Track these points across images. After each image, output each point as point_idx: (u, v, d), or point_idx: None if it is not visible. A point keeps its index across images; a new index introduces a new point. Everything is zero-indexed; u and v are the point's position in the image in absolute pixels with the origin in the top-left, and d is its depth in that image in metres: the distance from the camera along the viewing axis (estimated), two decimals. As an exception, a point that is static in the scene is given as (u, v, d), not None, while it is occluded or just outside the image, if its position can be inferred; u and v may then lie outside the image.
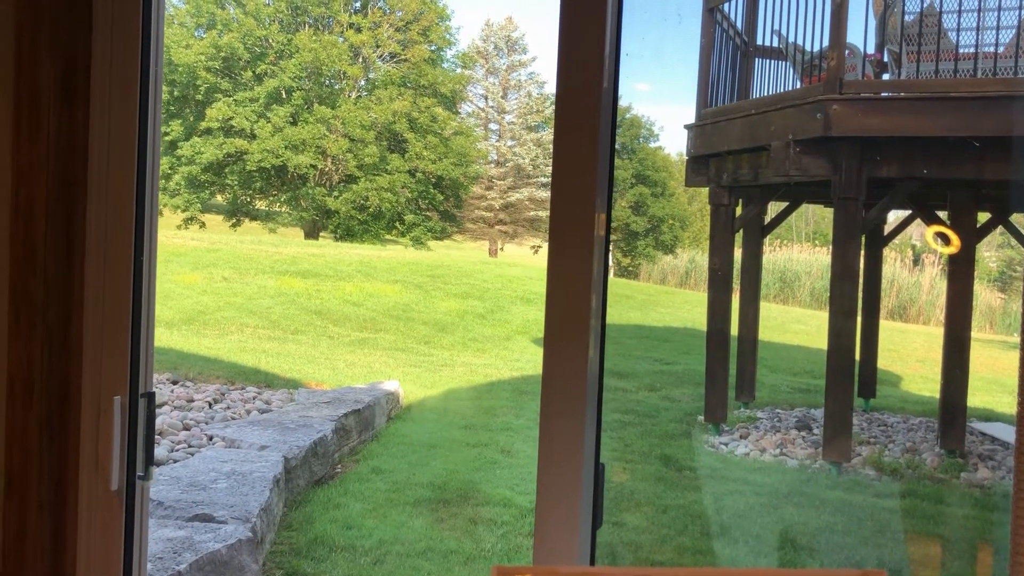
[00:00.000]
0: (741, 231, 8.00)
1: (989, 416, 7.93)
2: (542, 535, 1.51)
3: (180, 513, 3.92)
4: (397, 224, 20.59)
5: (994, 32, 6.28)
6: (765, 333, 9.97)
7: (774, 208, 8.94)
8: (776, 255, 16.58)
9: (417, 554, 4.46)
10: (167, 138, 19.25)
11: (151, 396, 1.88)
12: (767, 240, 17.77)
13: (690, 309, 14.91)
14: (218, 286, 12.37)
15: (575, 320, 1.54)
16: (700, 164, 7.66)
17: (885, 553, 4.76)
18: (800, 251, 16.87)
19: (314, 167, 19.37)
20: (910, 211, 8.38)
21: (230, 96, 19.30)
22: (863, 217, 6.46)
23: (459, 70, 22.28)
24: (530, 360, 10.60)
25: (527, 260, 20.72)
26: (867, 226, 6.99)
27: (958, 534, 5.12)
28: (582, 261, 1.55)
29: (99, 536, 1.81)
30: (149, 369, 1.89)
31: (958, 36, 6.38)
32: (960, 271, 6.95)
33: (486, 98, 23.27)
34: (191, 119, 19.66)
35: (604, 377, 1.61)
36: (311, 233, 20.28)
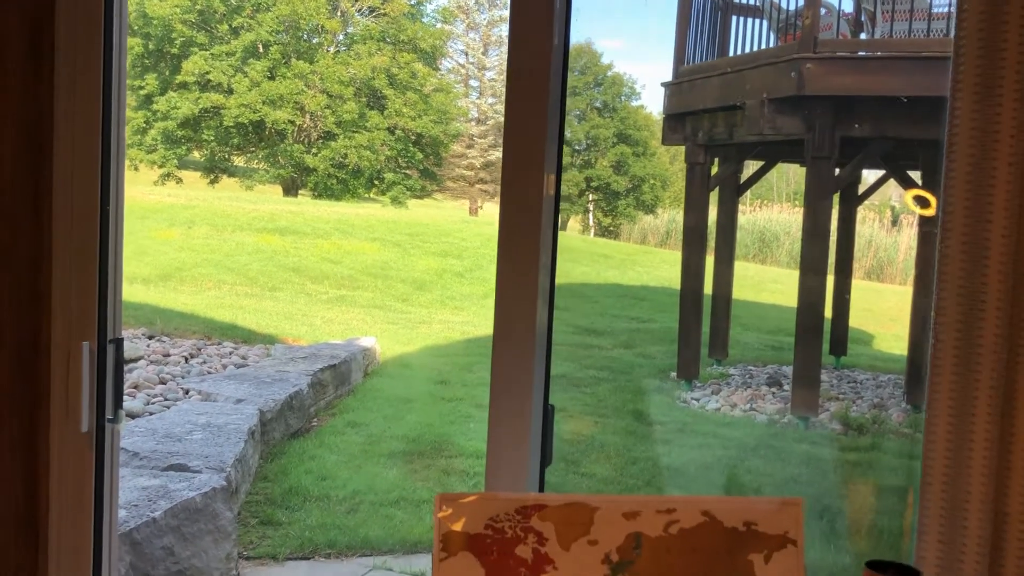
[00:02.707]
0: (717, 190, 8.05)
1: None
2: (493, 472, 1.58)
3: (155, 463, 3.97)
4: (376, 182, 20.47)
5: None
6: (742, 292, 10.09)
7: (751, 168, 9.00)
8: (756, 215, 16.64)
9: (390, 503, 4.55)
10: (142, 92, 18.97)
11: (119, 342, 1.92)
12: (748, 200, 17.85)
13: (668, 268, 14.99)
14: (195, 242, 12.32)
15: (524, 277, 1.59)
16: (676, 122, 7.69)
17: (845, 502, 4.90)
18: (780, 211, 16.93)
19: (292, 123, 19.17)
20: (884, 171, 8.46)
21: (206, 50, 19.01)
22: (836, 176, 6.53)
23: (439, 25, 22.02)
24: (507, 317, 10.64)
25: (507, 219, 20.61)
26: (839, 185, 7.06)
27: (917, 484, 5.27)
28: (531, 220, 1.59)
29: (71, 477, 1.86)
30: (117, 316, 1.93)
31: (932, -5, 6.41)
32: (931, 232, 7.05)
33: (467, 54, 23.06)
34: (167, 73, 19.38)
35: (577, 335, 1.67)
36: (289, 190, 20.15)
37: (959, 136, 1.25)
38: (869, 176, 9.43)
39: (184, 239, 12.45)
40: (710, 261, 7.97)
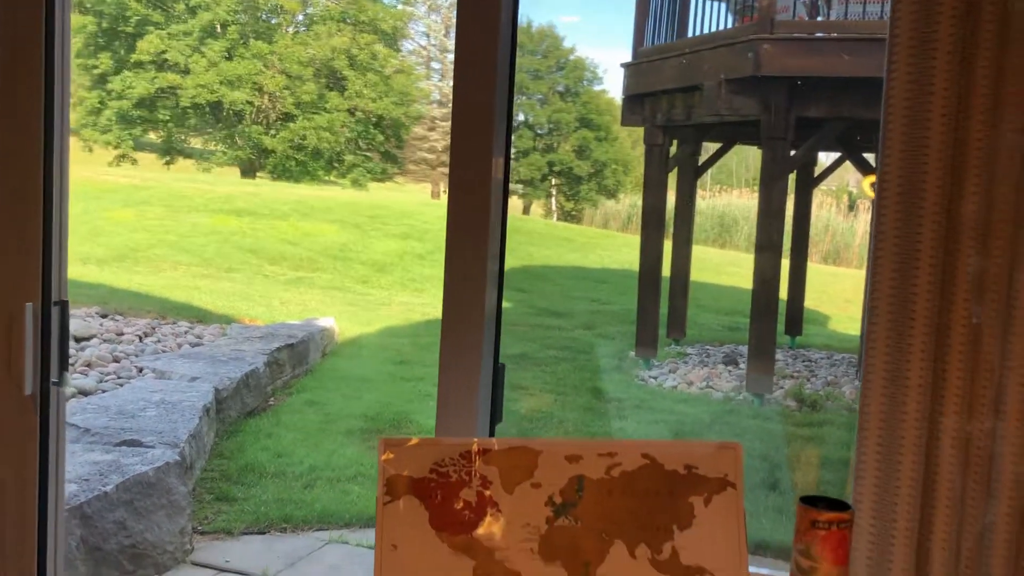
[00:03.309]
0: (675, 172, 8.10)
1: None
2: (443, 430, 1.59)
3: (108, 439, 3.92)
4: (336, 164, 20.28)
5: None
6: (701, 275, 10.17)
7: (710, 151, 9.06)
8: (716, 200, 16.75)
9: (347, 479, 4.54)
10: (96, 71, 18.57)
11: (64, 304, 1.90)
12: (707, 185, 17.94)
13: (629, 251, 15.07)
14: (151, 223, 12.13)
15: (474, 262, 1.60)
16: (635, 103, 7.72)
17: (797, 475, 4.99)
18: (739, 196, 17.08)
19: (250, 104, 18.92)
20: (840, 154, 8.58)
21: (162, 29, 18.67)
22: (791, 157, 6.61)
23: (400, 6, 21.83)
24: (468, 299, 10.64)
25: (468, 202, 20.56)
26: (794, 165, 7.14)
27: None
28: (480, 204, 1.59)
29: (15, 438, 1.83)
30: (62, 278, 1.90)
31: (887, -22, 6.49)
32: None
33: (428, 36, 22.90)
34: (121, 52, 18.99)
35: (539, 316, 1.68)
36: (247, 172, 19.89)
37: (893, 116, 1.27)
38: (827, 160, 9.55)
39: (139, 220, 12.25)
40: (669, 244, 8.04)
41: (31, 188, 1.81)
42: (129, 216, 12.37)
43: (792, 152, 6.57)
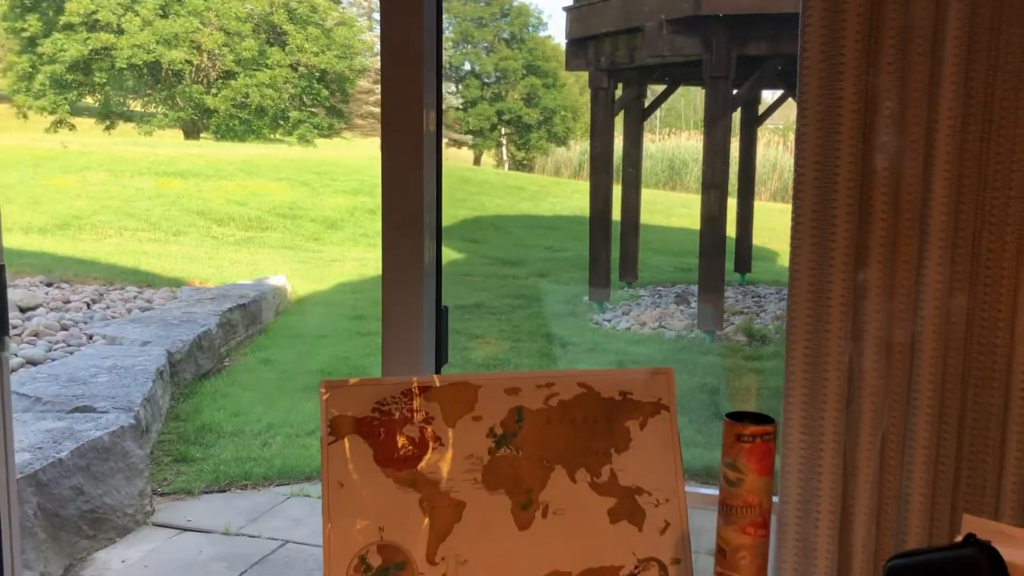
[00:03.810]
0: (622, 116, 8.12)
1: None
2: (390, 375, 1.61)
3: (60, 407, 3.89)
4: (281, 122, 19.94)
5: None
6: (652, 218, 10.24)
7: (656, 93, 9.07)
8: (665, 143, 16.79)
9: (306, 434, 4.56)
10: (24, 34, 17.94)
11: (1, 268, 1.87)
12: (657, 128, 17.93)
13: (581, 198, 15.09)
14: (93, 189, 11.86)
15: (409, 215, 1.61)
16: (579, 47, 7.69)
17: (744, 405, 5.12)
18: (688, 138, 17.14)
19: (189, 63, 18.45)
20: (783, 91, 8.64)
21: (91, -13, 18.04)
22: (733, 95, 6.66)
23: (338, -43, 21.32)
24: (421, 252, 10.61)
25: (418, 155, 20.37)
26: (737, 104, 7.20)
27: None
28: (413, 158, 1.60)
29: (-42, 407, 1.82)
30: (-3, 241, 1.88)
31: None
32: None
33: (368, -13, 22.43)
34: (50, 13, 18.35)
35: (492, 266, 1.70)
36: (190, 133, 19.48)
37: (809, 51, 1.30)
38: (772, 98, 9.62)
39: (80, 186, 11.97)
40: (619, 189, 8.07)
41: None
42: (70, 183, 12.08)
43: (735, 91, 6.62)
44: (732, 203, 7.83)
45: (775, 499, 1.38)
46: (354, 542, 1.13)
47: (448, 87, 20.74)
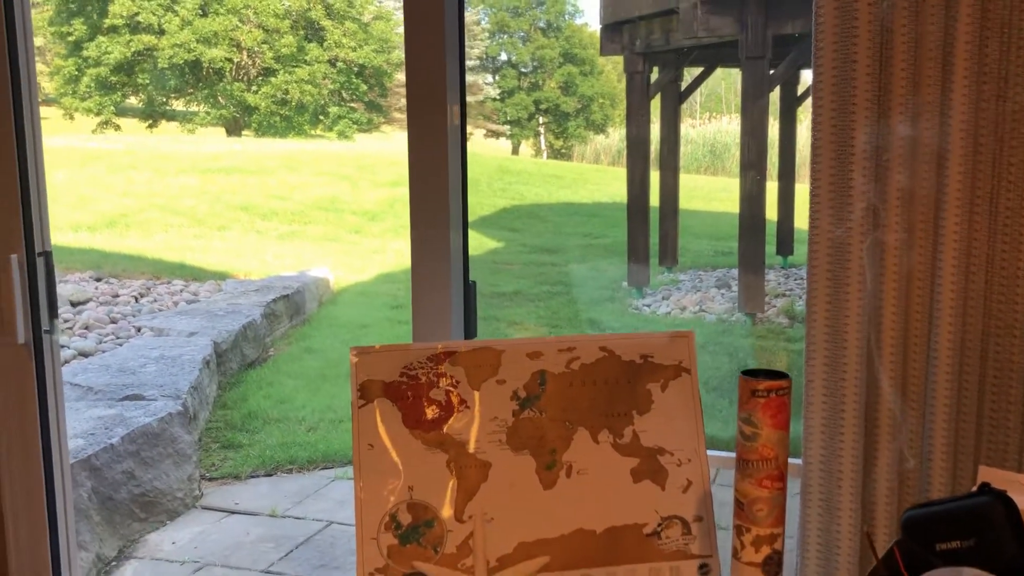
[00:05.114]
0: (659, 100, 8.08)
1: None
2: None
3: (110, 395, 4.01)
4: (321, 117, 20.14)
5: None
6: (692, 203, 10.17)
7: (693, 76, 9.01)
8: (706, 128, 16.63)
9: (349, 419, 4.64)
10: (70, 39, 18.33)
11: (48, 255, 1.95)
12: (697, 113, 17.76)
13: (619, 184, 15.02)
14: (138, 188, 12.10)
15: (435, 207, 1.66)
16: (613, 32, 7.66)
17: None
18: (729, 122, 16.95)
19: (229, 61, 18.71)
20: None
21: (133, -11, 18.35)
22: (770, 76, 6.59)
23: (373, -48, 21.42)
24: (461, 242, 10.67)
25: (456, 146, 20.44)
26: (774, 84, 7.13)
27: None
28: (439, 152, 1.64)
29: (13, 387, 1.90)
30: (44, 228, 1.95)
31: None
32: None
33: (404, -20, 22.50)
34: (94, 17, 18.71)
35: (531, 254, 1.73)
36: (232, 131, 19.76)
37: (825, 23, 1.31)
38: (811, 78, 9.49)
39: (127, 185, 12.22)
40: (658, 174, 8.04)
41: (4, 143, 1.85)
42: (117, 182, 12.34)
43: (772, 71, 6.56)
44: (773, 186, 7.76)
45: (799, 462, 1.40)
46: (385, 501, 1.18)
47: (485, 78, 20.75)
